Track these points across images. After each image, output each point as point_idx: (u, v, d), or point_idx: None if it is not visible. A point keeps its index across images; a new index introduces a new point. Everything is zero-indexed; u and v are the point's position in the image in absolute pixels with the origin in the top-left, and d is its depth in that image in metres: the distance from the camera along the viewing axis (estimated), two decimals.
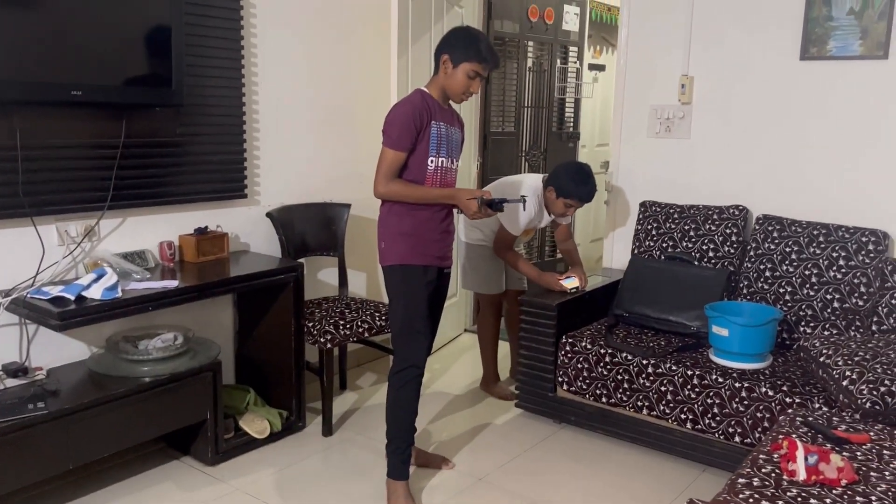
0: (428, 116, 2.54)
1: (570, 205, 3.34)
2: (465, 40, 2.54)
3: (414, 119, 2.51)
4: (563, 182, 3.31)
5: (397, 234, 2.61)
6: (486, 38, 2.62)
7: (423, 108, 2.54)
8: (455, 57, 2.53)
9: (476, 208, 2.51)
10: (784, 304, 3.14)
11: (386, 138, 2.55)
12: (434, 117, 2.56)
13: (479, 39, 2.56)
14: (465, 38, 2.56)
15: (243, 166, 3.29)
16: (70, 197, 2.72)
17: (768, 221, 3.30)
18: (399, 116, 2.53)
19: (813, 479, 1.98)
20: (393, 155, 2.53)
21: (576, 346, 3.19)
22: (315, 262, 3.66)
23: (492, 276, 3.58)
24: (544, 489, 2.81)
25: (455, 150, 2.67)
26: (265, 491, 2.73)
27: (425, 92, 2.61)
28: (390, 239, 2.62)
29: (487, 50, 2.55)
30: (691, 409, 2.89)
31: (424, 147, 2.55)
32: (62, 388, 2.53)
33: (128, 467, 2.85)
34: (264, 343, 3.24)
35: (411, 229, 2.59)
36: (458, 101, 2.64)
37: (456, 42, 2.55)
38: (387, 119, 2.57)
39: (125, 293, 2.57)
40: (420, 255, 2.60)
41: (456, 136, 2.68)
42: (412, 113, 2.51)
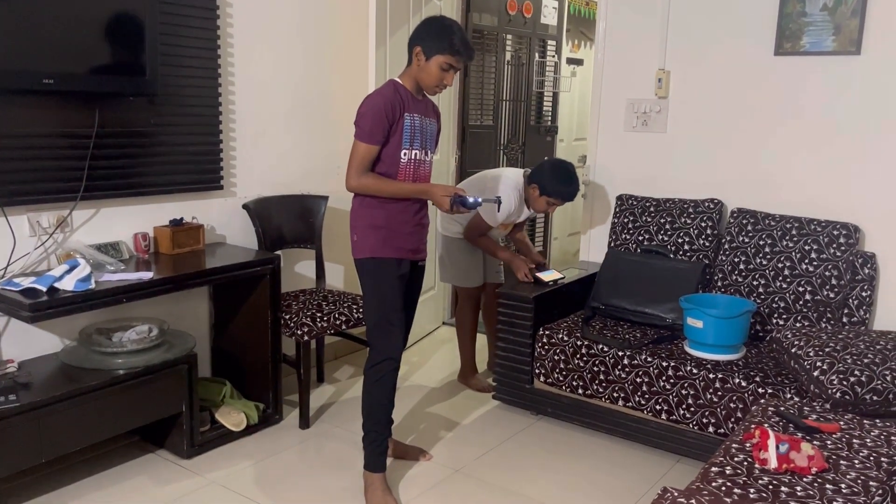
0: (401, 108, 2.51)
1: (553, 203, 3.37)
2: (439, 32, 2.50)
3: (386, 111, 2.47)
4: (548, 181, 3.33)
5: (369, 226, 2.58)
6: (461, 30, 2.57)
7: (395, 100, 2.50)
8: (427, 49, 2.49)
9: (448, 206, 2.48)
10: (757, 296, 3.19)
11: (358, 131, 2.50)
12: (407, 109, 2.53)
13: (453, 31, 2.51)
14: (438, 29, 2.52)
15: (219, 157, 3.26)
16: (42, 187, 2.68)
17: (742, 215, 3.34)
18: (371, 109, 2.49)
19: (784, 467, 2.01)
20: (365, 148, 2.49)
21: (552, 338, 3.21)
22: (292, 254, 3.64)
23: (470, 269, 3.59)
24: (521, 480, 2.83)
25: (430, 141, 2.65)
26: (242, 484, 2.72)
27: (398, 83, 2.57)
28: (362, 231, 2.60)
29: (461, 42, 2.50)
30: (666, 399, 2.92)
31: (397, 139, 2.52)
32: (34, 381, 2.49)
33: (102, 461, 2.82)
34: (241, 336, 3.22)
35: (383, 222, 2.57)
36: (432, 93, 2.61)
37: (429, 33, 2.51)
38: (359, 111, 2.52)
39: (98, 285, 2.54)
40: (392, 247, 2.58)
41: (431, 127, 2.65)
42: (384, 105, 2.48)
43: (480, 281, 3.63)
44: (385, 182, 2.53)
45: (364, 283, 2.65)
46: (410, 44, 2.56)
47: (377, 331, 2.61)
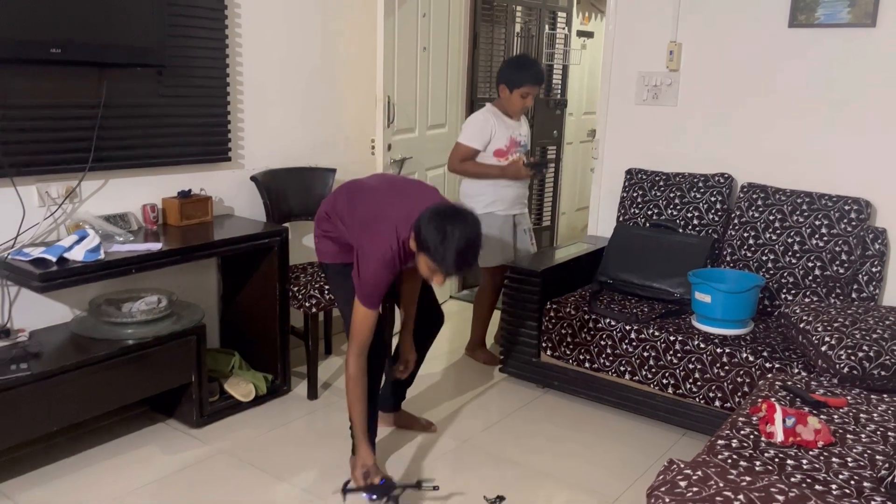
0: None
1: (527, 93, 3.40)
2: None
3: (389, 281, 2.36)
4: (510, 73, 3.42)
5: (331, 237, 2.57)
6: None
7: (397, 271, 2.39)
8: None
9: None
10: (766, 271, 3.17)
11: (365, 296, 2.34)
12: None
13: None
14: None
15: (227, 129, 3.25)
16: (51, 158, 2.68)
17: (753, 190, 3.32)
18: (381, 280, 2.34)
19: (790, 440, 2.02)
20: (372, 316, 2.36)
21: (560, 312, 3.21)
22: (300, 227, 3.64)
23: (496, 247, 3.54)
24: (527, 452, 2.84)
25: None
26: (250, 453, 2.75)
27: (406, 249, 2.34)
28: (321, 239, 2.61)
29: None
30: (673, 374, 2.93)
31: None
32: (45, 350, 2.52)
33: (112, 430, 2.85)
34: (249, 307, 3.23)
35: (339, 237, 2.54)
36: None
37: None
38: (364, 271, 2.33)
39: (108, 255, 2.55)
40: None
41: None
42: (388, 281, 2.36)
43: (506, 259, 3.56)
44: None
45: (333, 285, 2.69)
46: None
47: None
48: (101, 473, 2.58)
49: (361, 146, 3.92)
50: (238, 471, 2.63)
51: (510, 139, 3.48)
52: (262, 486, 2.54)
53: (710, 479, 1.60)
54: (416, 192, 2.48)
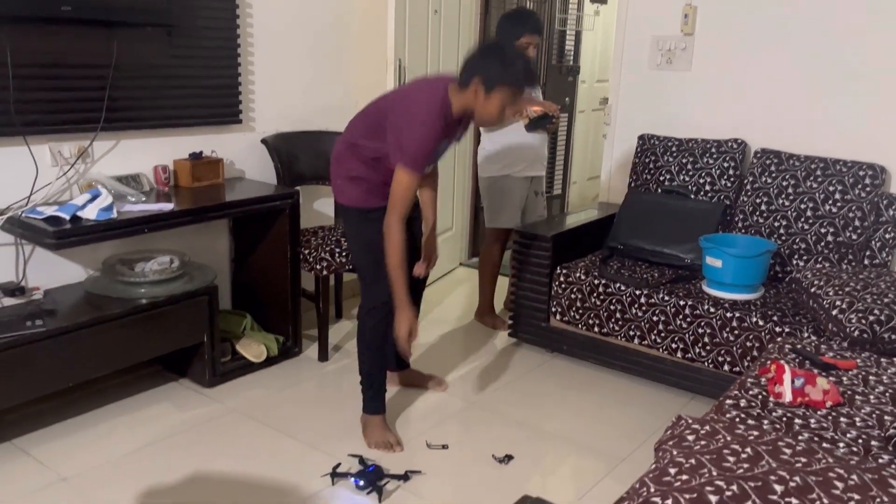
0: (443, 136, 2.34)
1: (527, 43, 3.25)
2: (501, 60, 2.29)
3: (435, 144, 2.30)
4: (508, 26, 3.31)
5: (354, 177, 2.48)
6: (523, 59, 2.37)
7: (441, 132, 2.30)
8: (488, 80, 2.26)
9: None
10: (778, 237, 3.16)
11: (408, 159, 2.25)
12: (447, 135, 2.37)
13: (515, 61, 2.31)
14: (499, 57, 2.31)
15: (237, 91, 3.25)
16: (62, 117, 2.69)
17: (766, 155, 3.29)
18: (424, 138, 2.26)
19: (799, 400, 2.02)
20: (415, 180, 2.29)
21: (570, 277, 3.21)
22: (310, 191, 3.65)
23: (505, 209, 3.54)
24: (536, 414, 2.87)
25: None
26: (262, 412, 2.78)
27: (447, 101, 2.30)
28: (344, 180, 2.50)
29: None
30: (682, 338, 2.93)
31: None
32: (59, 308, 2.55)
33: (127, 388, 2.89)
34: (260, 270, 3.25)
35: (366, 175, 2.46)
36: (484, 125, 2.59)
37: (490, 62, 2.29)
38: (408, 133, 2.25)
39: (120, 215, 2.56)
40: (379, 196, 2.42)
41: (447, 144, 2.48)
42: (435, 139, 2.28)
43: (514, 223, 3.57)
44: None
45: (350, 231, 2.59)
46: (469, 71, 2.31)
47: (370, 277, 2.51)
48: (116, 429, 2.62)
49: None
50: (249, 428, 2.67)
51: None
52: (273, 443, 2.58)
53: (718, 434, 1.61)
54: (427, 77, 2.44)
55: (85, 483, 2.30)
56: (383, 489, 2.30)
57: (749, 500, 1.32)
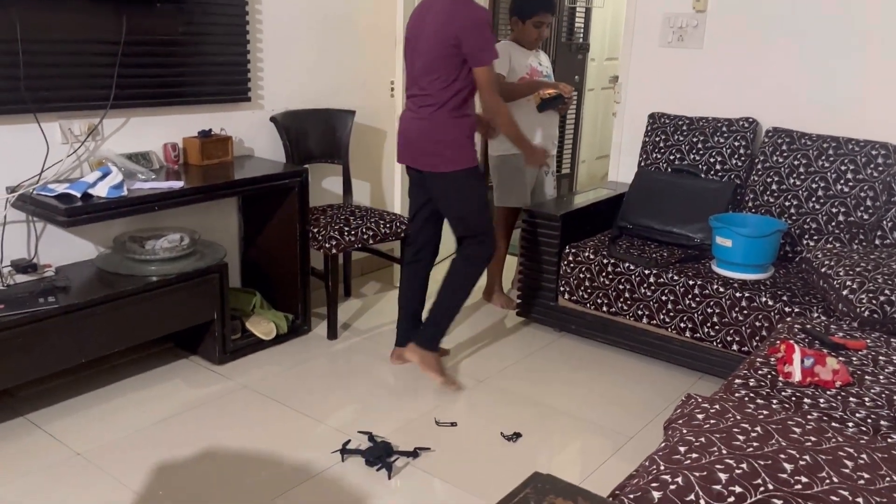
0: None
1: (541, 22, 3.36)
2: None
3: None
4: (521, 2, 3.38)
5: (453, 140, 2.71)
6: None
7: None
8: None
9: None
10: (789, 217, 3.14)
11: (488, 56, 2.60)
12: None
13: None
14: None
15: (247, 69, 3.23)
16: (72, 94, 2.69)
17: (778, 134, 3.26)
18: (489, 27, 2.63)
19: (808, 380, 2.02)
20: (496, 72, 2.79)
21: (578, 257, 3.21)
22: (319, 169, 3.65)
23: (515, 188, 3.53)
24: (543, 392, 2.88)
25: None
26: (271, 388, 2.81)
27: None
28: (446, 147, 2.71)
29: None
30: (691, 318, 2.93)
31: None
32: (71, 285, 2.56)
33: (138, 364, 2.92)
34: (270, 248, 3.26)
35: (464, 134, 2.73)
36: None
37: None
38: (484, 34, 2.58)
39: (131, 192, 2.57)
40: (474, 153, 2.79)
41: None
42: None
43: (523, 202, 3.55)
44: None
45: (467, 191, 2.76)
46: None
47: (485, 226, 2.82)
48: (128, 405, 2.65)
49: (380, 88, 3.89)
50: (259, 405, 2.69)
51: (531, 68, 3.47)
52: (283, 420, 2.60)
53: (728, 413, 1.62)
54: None
55: (98, 457, 2.33)
56: (392, 465, 2.33)
57: (759, 479, 1.32)
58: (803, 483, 1.31)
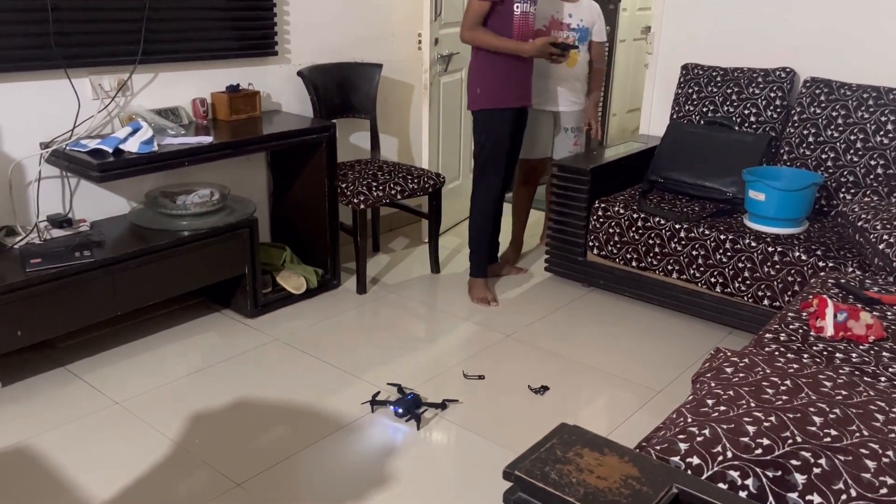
0: None
1: None
2: None
3: None
4: None
5: (486, 79, 2.98)
6: None
7: None
8: None
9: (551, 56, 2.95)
10: (825, 170, 3.07)
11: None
12: None
13: None
14: None
15: (273, 23, 3.21)
16: (101, 50, 2.70)
17: (816, 84, 3.17)
18: None
19: (841, 335, 2.00)
20: (475, 3, 2.86)
21: (608, 211, 3.18)
22: (347, 124, 3.63)
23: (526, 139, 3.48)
24: (571, 346, 2.89)
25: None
26: (302, 340, 2.86)
27: None
28: (478, 86, 3.01)
29: None
30: (722, 272, 2.90)
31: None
32: (106, 240, 2.61)
33: (173, 317, 2.98)
34: (299, 204, 3.28)
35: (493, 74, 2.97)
36: None
37: None
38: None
39: (161, 148, 2.59)
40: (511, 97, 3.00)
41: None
42: None
43: (538, 154, 3.53)
44: (493, 37, 2.90)
45: (477, 133, 3.09)
46: None
47: (489, 169, 3.10)
48: (164, 356, 2.72)
49: (408, 41, 3.84)
50: (290, 357, 2.74)
51: (550, 19, 3.29)
52: (313, 372, 2.65)
53: (758, 366, 1.61)
54: None
55: (136, 406, 2.40)
56: (421, 417, 2.36)
57: (787, 431, 1.32)
58: (832, 436, 1.30)
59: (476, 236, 3.24)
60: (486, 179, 3.13)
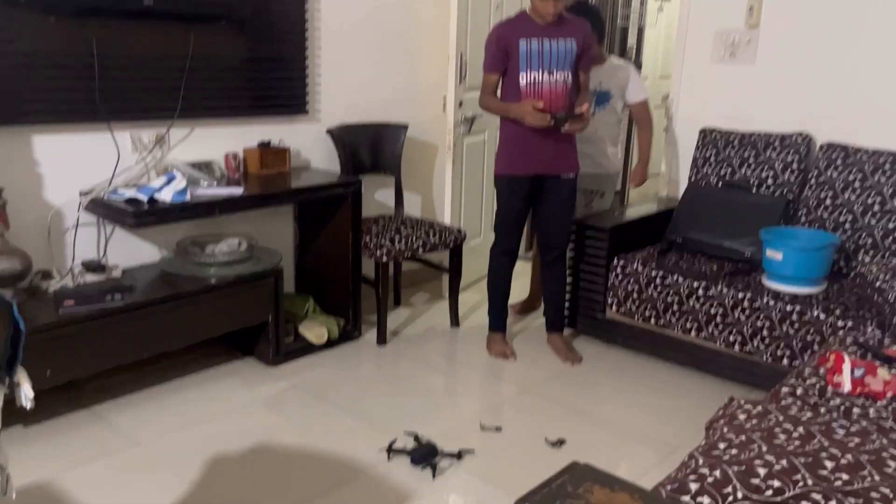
0: (514, 36, 2.86)
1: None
2: None
3: (497, 42, 2.91)
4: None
5: (502, 144, 3.07)
6: None
7: (507, 30, 2.89)
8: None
9: (536, 122, 2.82)
10: (843, 232, 3.09)
11: (483, 62, 2.99)
12: (523, 35, 2.85)
13: None
14: None
15: (305, 83, 3.37)
16: (142, 106, 2.85)
17: (832, 149, 3.22)
18: (487, 42, 2.97)
19: (858, 390, 2.00)
20: (485, 76, 3.00)
21: (627, 268, 3.21)
22: (372, 181, 3.74)
23: None
24: (590, 401, 2.89)
25: (556, 60, 2.89)
26: (322, 389, 2.89)
27: (523, 12, 2.93)
28: (499, 150, 3.08)
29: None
30: (740, 331, 2.91)
31: (514, 65, 2.89)
32: (137, 284, 2.70)
33: (197, 363, 3.04)
34: (323, 255, 3.36)
35: (506, 140, 3.04)
36: (545, 20, 2.86)
37: None
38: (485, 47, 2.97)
39: (193, 198, 2.70)
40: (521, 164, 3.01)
41: (559, 46, 2.88)
42: (494, 37, 2.93)
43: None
44: (494, 102, 2.99)
45: (497, 196, 3.14)
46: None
47: (500, 229, 3.16)
48: (187, 401, 2.76)
49: (433, 103, 3.98)
50: (310, 405, 2.77)
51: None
52: (332, 419, 2.67)
53: (770, 414, 1.62)
54: None
55: (156, 449, 2.44)
56: (437, 466, 2.37)
57: (798, 474, 1.33)
58: (843, 480, 1.30)
59: (491, 292, 3.29)
60: (497, 240, 3.21)
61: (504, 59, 2.91)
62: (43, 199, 2.69)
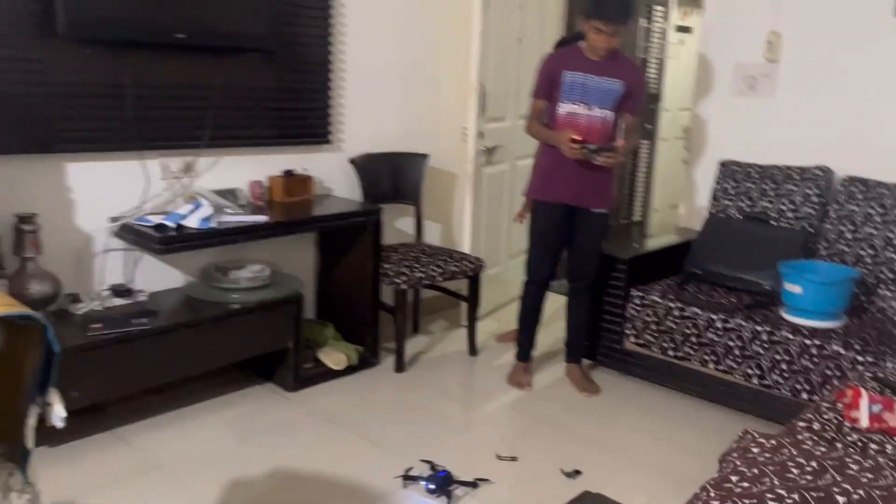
0: (562, 66, 2.96)
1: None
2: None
3: (545, 70, 3.02)
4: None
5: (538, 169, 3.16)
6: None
7: (557, 60, 3.01)
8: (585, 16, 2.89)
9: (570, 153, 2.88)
10: (864, 265, 3.08)
11: (532, 87, 3.10)
12: (570, 68, 2.95)
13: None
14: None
15: (328, 114, 3.45)
16: (173, 134, 2.94)
17: (853, 183, 3.23)
18: (538, 68, 3.07)
19: (876, 426, 1.99)
20: (533, 101, 3.10)
21: (645, 300, 3.22)
22: (393, 210, 3.80)
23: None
24: (606, 433, 2.89)
25: (598, 98, 2.95)
26: (340, 415, 2.92)
27: (577, 46, 3.00)
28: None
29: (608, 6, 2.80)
30: (758, 364, 2.90)
31: (558, 94, 2.99)
32: (161, 309, 2.76)
33: (219, 388, 3.08)
34: (343, 282, 3.41)
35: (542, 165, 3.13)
36: (597, 55, 2.91)
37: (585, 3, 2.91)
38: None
39: (219, 225, 2.77)
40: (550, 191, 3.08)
41: (605, 85, 2.94)
42: (544, 65, 3.04)
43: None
44: (537, 127, 3.08)
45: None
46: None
47: (530, 256, 3.19)
48: (207, 424, 2.81)
49: (453, 133, 4.04)
50: (327, 431, 2.80)
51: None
52: (349, 446, 2.70)
53: (784, 448, 1.62)
54: None
55: (176, 471, 2.48)
56: (452, 494, 2.38)
57: None
58: None
59: (520, 319, 3.32)
60: (529, 266, 3.22)
61: (550, 87, 3.00)
62: (74, 225, 2.77)
